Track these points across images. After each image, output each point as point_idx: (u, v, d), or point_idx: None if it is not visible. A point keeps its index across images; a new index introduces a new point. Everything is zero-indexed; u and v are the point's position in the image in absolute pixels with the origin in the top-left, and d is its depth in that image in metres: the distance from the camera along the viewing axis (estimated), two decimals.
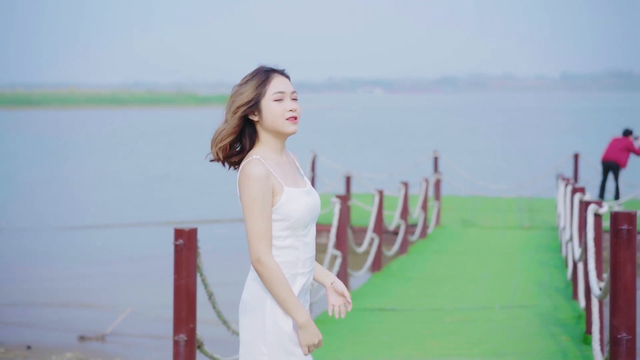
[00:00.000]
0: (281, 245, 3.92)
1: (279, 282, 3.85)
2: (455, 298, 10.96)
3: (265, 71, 3.97)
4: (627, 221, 5.64)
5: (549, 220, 19.27)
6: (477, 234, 17.72)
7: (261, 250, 3.86)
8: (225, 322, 6.87)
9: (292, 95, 3.97)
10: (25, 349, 11.45)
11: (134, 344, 11.95)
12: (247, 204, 3.86)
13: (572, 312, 9.78)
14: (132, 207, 27.63)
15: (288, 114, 3.93)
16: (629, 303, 5.64)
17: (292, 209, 3.90)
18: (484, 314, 9.85)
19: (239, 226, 23.42)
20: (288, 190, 3.91)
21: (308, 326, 3.87)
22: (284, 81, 3.97)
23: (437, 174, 20.43)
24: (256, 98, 3.93)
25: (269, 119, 3.93)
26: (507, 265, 13.65)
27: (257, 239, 3.86)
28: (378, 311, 10.14)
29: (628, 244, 5.63)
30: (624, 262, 5.65)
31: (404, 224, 15.49)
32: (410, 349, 8.21)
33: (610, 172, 20.84)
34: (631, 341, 5.66)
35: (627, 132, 20.76)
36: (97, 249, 19.97)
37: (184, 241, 6.04)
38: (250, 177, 3.85)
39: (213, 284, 6.68)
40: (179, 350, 6.06)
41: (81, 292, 15.31)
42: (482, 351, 8.05)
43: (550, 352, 7.92)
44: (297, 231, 3.93)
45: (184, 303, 6.04)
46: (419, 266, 13.76)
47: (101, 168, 42.50)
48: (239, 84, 3.98)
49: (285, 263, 3.92)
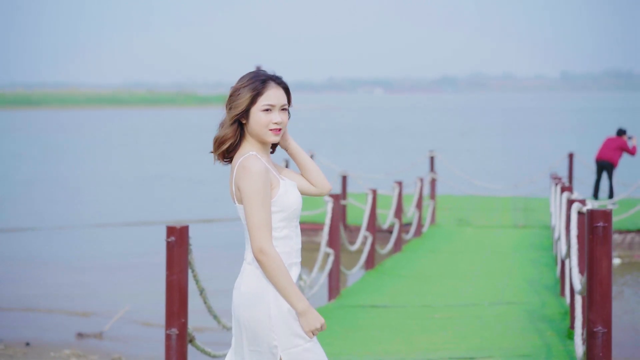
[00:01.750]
0: (278, 236, 4.12)
1: (281, 271, 4.02)
2: (446, 295, 11.16)
3: (262, 80, 4.17)
4: (602, 219, 5.84)
5: (543, 219, 19.46)
6: (471, 233, 17.92)
7: (263, 240, 4.03)
8: (216, 317, 7.07)
9: (281, 107, 4.18)
10: (24, 345, 11.62)
11: (131, 341, 12.11)
12: (249, 196, 4.05)
13: (559, 308, 9.99)
14: (131, 207, 27.82)
15: (272, 126, 4.16)
16: (604, 298, 5.84)
17: (289, 200, 4.13)
18: (473, 311, 10.06)
19: (239, 225, 23.63)
20: (283, 183, 4.15)
21: (308, 312, 4.03)
22: (277, 93, 4.17)
23: (432, 173, 20.63)
24: (248, 107, 4.15)
25: (254, 127, 4.16)
26: (499, 264, 13.85)
27: (259, 229, 4.03)
28: (369, 308, 10.34)
29: (604, 241, 5.82)
30: (600, 258, 5.84)
31: (398, 223, 15.68)
32: (399, 344, 8.42)
33: (604, 171, 21.03)
34: (607, 334, 5.86)
35: (621, 131, 20.94)
36: (96, 248, 20.16)
37: (175, 238, 6.25)
38: (251, 172, 4.06)
39: (214, 283, 6.88)
40: (170, 343, 6.27)
41: (79, 290, 15.49)
42: (468, 346, 8.26)
43: (534, 347, 8.13)
44: (291, 222, 4.15)
45: (175, 298, 6.26)
46: (412, 264, 13.95)
47: (101, 168, 42.68)
48: (236, 87, 4.18)
49: (283, 253, 4.12)
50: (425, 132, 74.80)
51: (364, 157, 46.52)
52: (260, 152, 4.19)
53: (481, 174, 34.04)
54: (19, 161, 46.56)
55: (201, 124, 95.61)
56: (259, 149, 4.19)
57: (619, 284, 15.23)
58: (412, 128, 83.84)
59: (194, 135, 73.85)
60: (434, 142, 57.04)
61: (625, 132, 20.90)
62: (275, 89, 4.17)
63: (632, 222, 18.15)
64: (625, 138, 20.84)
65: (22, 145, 59.54)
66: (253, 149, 4.17)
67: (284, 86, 4.22)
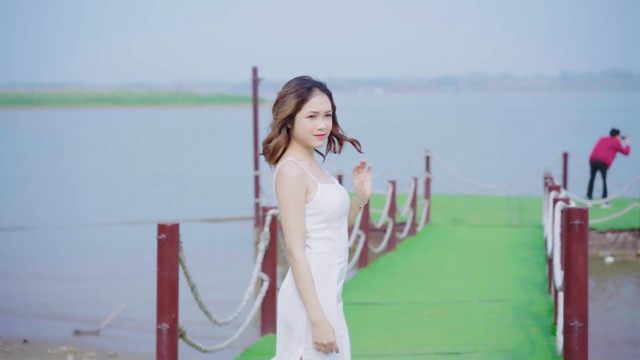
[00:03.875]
0: (319, 237, 4.31)
1: (304, 277, 4.20)
2: (436, 293, 11.34)
3: (308, 88, 4.35)
4: (579, 216, 6.02)
5: (537, 219, 19.64)
6: (465, 232, 18.10)
7: (292, 244, 4.24)
8: (207, 313, 7.26)
9: (325, 113, 4.38)
10: (21, 342, 11.76)
11: (127, 338, 12.25)
12: (283, 202, 4.26)
13: (545, 305, 10.18)
14: (129, 206, 27.99)
15: (316, 132, 4.36)
16: (580, 293, 6.03)
17: (326, 204, 4.31)
18: (462, 307, 10.25)
19: (238, 224, 23.81)
20: (321, 186, 4.33)
21: (321, 325, 4.17)
22: (321, 99, 4.36)
23: (427, 173, 20.81)
24: (293, 113, 4.34)
25: (299, 132, 4.35)
26: (491, 262, 14.03)
27: (290, 234, 4.25)
28: (360, 305, 10.52)
29: (580, 238, 6.01)
30: (577, 255, 6.03)
31: (391, 222, 15.85)
32: (387, 340, 8.61)
33: (598, 171, 21.19)
34: (583, 329, 6.04)
35: (614, 131, 21.10)
36: (93, 246, 20.34)
37: (166, 235, 6.44)
38: (286, 178, 4.26)
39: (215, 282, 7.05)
40: (161, 338, 6.46)
41: (76, 288, 15.68)
42: (455, 341, 8.46)
43: (519, 342, 8.33)
44: (332, 223, 4.33)
45: (166, 294, 6.45)
46: (405, 262, 14.12)
47: (100, 167, 42.85)
48: (283, 93, 4.37)
49: (324, 253, 4.30)
50: (423, 132, 74.96)
51: (360, 156, 46.65)
52: (303, 155, 4.38)
53: (477, 174, 34.22)
54: (19, 160, 46.74)
55: (200, 123, 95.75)
56: (303, 153, 4.39)
57: (613, 283, 15.43)
58: (410, 128, 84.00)
59: (194, 134, 74.03)
60: (432, 142, 57.20)
61: (618, 132, 21.06)
62: (319, 96, 4.36)
63: (625, 221, 18.33)
64: (618, 138, 21.00)
65: (22, 144, 59.72)
66: (297, 153, 4.37)
67: (328, 93, 4.40)
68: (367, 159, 4.62)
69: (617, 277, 15.92)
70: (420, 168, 24.11)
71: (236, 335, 7.94)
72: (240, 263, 18.23)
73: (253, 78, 20.21)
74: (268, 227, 8.63)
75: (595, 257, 17.43)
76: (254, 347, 8.53)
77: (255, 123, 20.51)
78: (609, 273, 16.14)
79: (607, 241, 17.97)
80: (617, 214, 18.35)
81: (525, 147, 54.33)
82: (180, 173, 39.55)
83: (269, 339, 8.76)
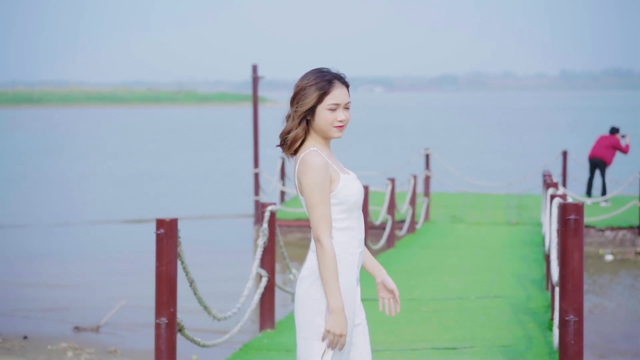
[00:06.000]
0: (340, 227, 4.36)
1: (329, 264, 4.24)
2: (434, 289, 11.39)
3: (329, 80, 4.40)
4: (574, 212, 6.07)
5: (536, 216, 19.68)
6: (464, 229, 18.14)
7: (320, 231, 4.28)
8: (206, 308, 7.30)
9: (345, 105, 4.44)
10: (21, 339, 11.82)
11: (127, 335, 12.30)
12: (309, 190, 4.30)
13: (543, 301, 10.24)
14: (131, 204, 28.04)
15: (337, 123, 4.41)
16: (576, 287, 6.08)
17: (348, 193, 4.36)
18: (459, 304, 10.30)
19: (238, 222, 23.87)
20: (343, 177, 4.39)
21: (339, 314, 4.22)
22: (342, 92, 4.42)
23: (427, 171, 20.86)
24: (314, 105, 4.39)
25: (319, 124, 4.40)
26: (489, 259, 14.07)
27: (318, 221, 4.28)
28: None
29: (575, 233, 6.06)
30: (572, 250, 6.08)
31: (390, 219, 15.90)
32: (384, 335, 8.66)
33: (597, 169, 21.23)
34: (578, 323, 6.09)
35: (614, 130, 21.14)
36: (94, 244, 20.39)
37: (165, 230, 6.49)
38: (312, 167, 4.30)
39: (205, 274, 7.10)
40: (160, 332, 6.51)
41: (76, 285, 15.73)
42: (452, 337, 8.51)
43: (515, 338, 8.39)
44: (353, 213, 4.39)
45: (165, 288, 6.50)
46: (404, 259, 14.17)
47: (101, 165, 42.90)
48: (302, 85, 4.41)
49: (344, 243, 4.36)
50: (423, 131, 75.01)
51: (360, 154, 46.78)
52: (322, 147, 4.43)
53: (476, 172, 34.28)
54: (20, 158, 46.79)
55: (201, 121, 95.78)
56: (322, 144, 4.43)
57: (610, 280, 15.47)
58: (410, 126, 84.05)
59: (194, 133, 74.06)
60: (432, 140, 57.25)
61: (618, 131, 21.10)
62: (340, 88, 4.42)
63: (624, 219, 18.39)
64: (618, 136, 21.04)
65: (22, 143, 59.77)
66: (316, 144, 4.41)
67: (347, 85, 4.46)
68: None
69: (615, 275, 15.97)
70: (420, 166, 24.15)
71: (235, 330, 7.98)
72: (239, 260, 18.28)
73: (253, 76, 20.24)
74: (267, 223, 8.65)
75: (595, 254, 17.48)
76: (253, 342, 8.57)
77: (255, 121, 20.55)
78: (611, 271, 16.19)
79: (606, 239, 18.03)
80: (616, 212, 18.40)
81: (525, 146, 54.37)
82: (181, 171, 39.60)
83: (267, 334, 8.80)
